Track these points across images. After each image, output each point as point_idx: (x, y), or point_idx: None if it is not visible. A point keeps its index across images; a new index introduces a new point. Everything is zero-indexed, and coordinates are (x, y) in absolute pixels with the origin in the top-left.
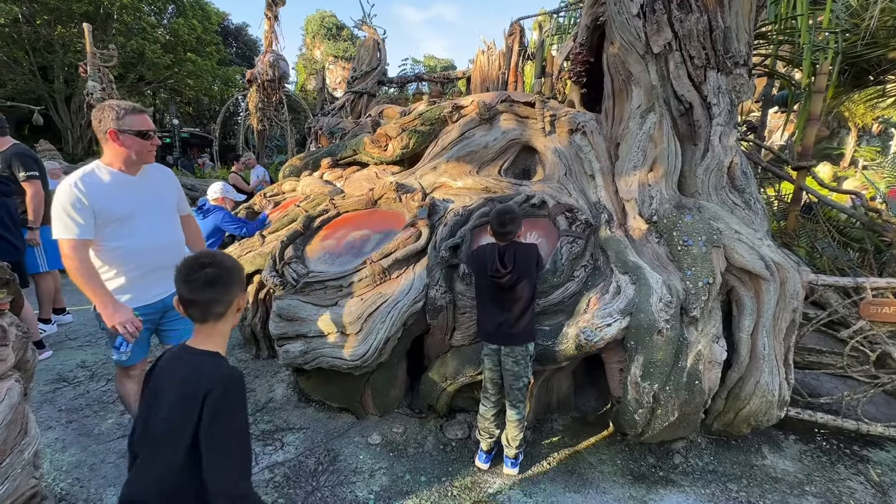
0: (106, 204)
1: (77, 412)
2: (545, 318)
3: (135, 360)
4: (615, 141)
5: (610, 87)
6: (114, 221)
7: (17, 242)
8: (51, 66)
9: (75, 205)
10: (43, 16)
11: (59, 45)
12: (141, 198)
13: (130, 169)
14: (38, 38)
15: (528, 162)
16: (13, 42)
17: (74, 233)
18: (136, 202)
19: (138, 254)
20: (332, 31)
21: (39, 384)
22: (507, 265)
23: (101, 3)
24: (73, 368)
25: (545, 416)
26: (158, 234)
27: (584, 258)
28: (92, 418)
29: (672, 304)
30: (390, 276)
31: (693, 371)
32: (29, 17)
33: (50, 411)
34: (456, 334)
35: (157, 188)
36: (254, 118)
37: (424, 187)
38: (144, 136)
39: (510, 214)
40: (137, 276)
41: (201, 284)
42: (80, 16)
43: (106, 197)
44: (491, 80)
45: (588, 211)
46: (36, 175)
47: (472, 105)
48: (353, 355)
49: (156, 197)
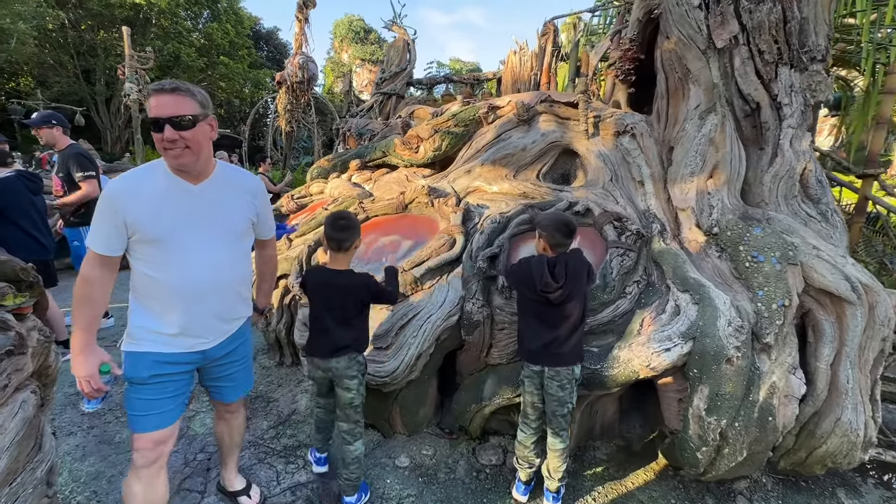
0: (140, 216)
1: (99, 417)
2: (593, 339)
3: (150, 427)
4: (668, 144)
5: (664, 85)
6: (147, 242)
7: (46, 241)
8: (93, 70)
9: (104, 211)
10: (87, 21)
11: (101, 49)
12: (189, 217)
13: (185, 174)
14: (82, 43)
15: (567, 166)
16: (59, 46)
17: (92, 243)
18: (179, 222)
19: (172, 292)
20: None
21: (64, 386)
22: (558, 279)
23: (141, 9)
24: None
25: (587, 443)
26: (205, 270)
27: (636, 273)
28: (114, 424)
29: (743, 329)
30: (422, 286)
31: (766, 406)
32: (74, 23)
33: (73, 415)
34: (493, 352)
35: (219, 205)
36: (282, 120)
37: (458, 192)
38: (156, 127)
39: (573, 225)
40: (170, 319)
41: (339, 229)
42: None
43: (143, 207)
44: (523, 80)
45: (638, 220)
46: (93, 175)
47: (509, 105)
48: (381, 371)
49: (213, 218)
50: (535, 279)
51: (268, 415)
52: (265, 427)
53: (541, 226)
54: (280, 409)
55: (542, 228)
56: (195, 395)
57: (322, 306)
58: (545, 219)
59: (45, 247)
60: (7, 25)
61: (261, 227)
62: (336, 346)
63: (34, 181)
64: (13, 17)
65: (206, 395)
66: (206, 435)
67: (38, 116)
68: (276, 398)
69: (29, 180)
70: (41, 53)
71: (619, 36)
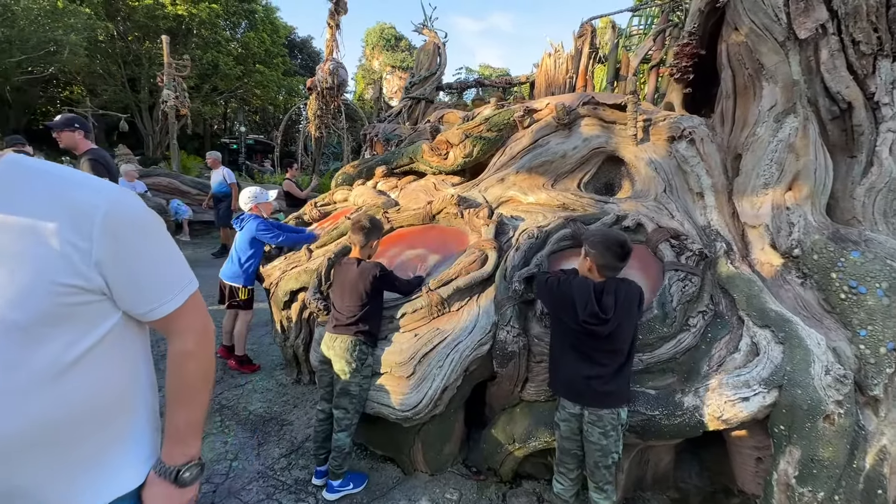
0: None
1: None
2: (649, 379)
3: None
4: (735, 151)
5: (730, 83)
6: None
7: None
8: (138, 78)
9: None
10: (134, 32)
11: (145, 58)
12: None
13: None
14: (128, 53)
15: (611, 175)
16: (108, 56)
17: None
18: None
19: None
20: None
21: None
22: (607, 310)
23: (183, 20)
24: None
25: (635, 493)
26: None
27: (701, 301)
28: None
29: (847, 380)
30: (450, 309)
31: (874, 475)
32: (122, 34)
33: None
34: (529, 386)
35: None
36: (312, 125)
37: (490, 202)
38: None
39: (628, 246)
40: None
41: (357, 228)
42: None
43: None
44: (557, 84)
45: (698, 238)
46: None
47: (547, 108)
48: (403, 404)
49: None
50: (578, 306)
51: (280, 440)
52: (276, 455)
53: (590, 243)
54: (294, 434)
55: (591, 246)
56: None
57: (336, 287)
58: (595, 236)
59: None
60: (60, 37)
61: (131, 293)
62: (337, 323)
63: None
64: (65, 29)
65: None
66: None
67: (60, 119)
68: (291, 420)
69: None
70: (92, 63)
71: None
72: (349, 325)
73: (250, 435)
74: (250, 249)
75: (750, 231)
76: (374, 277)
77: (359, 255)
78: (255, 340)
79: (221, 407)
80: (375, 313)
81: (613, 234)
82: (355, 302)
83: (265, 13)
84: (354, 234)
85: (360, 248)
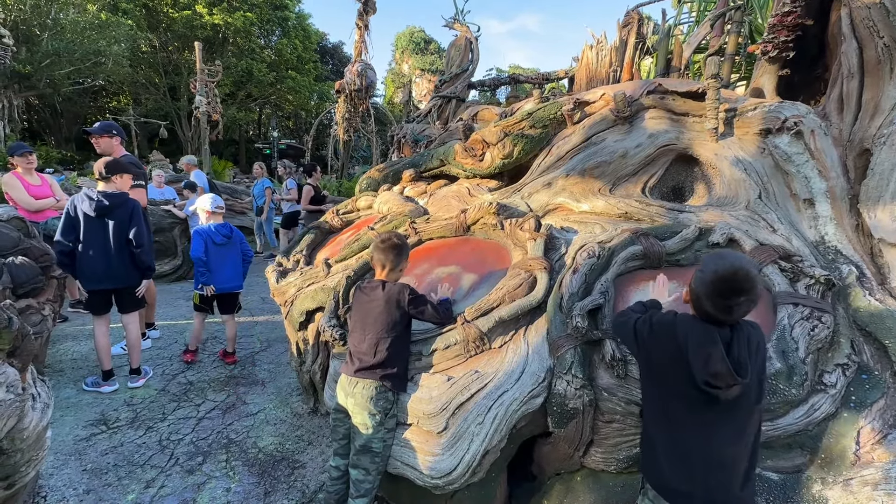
0: None
1: (100, 476)
2: (769, 457)
3: None
4: (860, 146)
5: (855, 58)
6: None
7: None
8: (177, 87)
9: None
10: (174, 42)
11: (184, 67)
12: None
13: None
14: (169, 62)
15: (680, 177)
16: (150, 66)
17: None
18: None
19: None
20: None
21: (78, 427)
22: (742, 369)
23: (220, 29)
24: (118, 406)
25: None
26: None
27: (838, 350)
28: (114, 488)
29: None
30: (490, 345)
31: None
32: (164, 44)
33: (73, 472)
34: (594, 451)
35: None
36: (340, 128)
37: (535, 210)
38: None
39: (750, 280)
40: None
41: (389, 247)
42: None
43: None
44: (600, 78)
45: (814, 259)
46: (141, 184)
47: (602, 99)
48: (433, 469)
49: None
50: (693, 360)
51: (290, 489)
52: None
53: (701, 282)
54: (306, 480)
55: (701, 285)
56: (208, 453)
57: (356, 317)
58: (711, 265)
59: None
60: (104, 48)
61: None
62: (359, 366)
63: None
64: (109, 41)
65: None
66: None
67: (99, 126)
68: (304, 462)
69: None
70: (135, 73)
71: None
72: (374, 367)
73: (257, 481)
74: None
75: (888, 250)
76: (403, 303)
77: (384, 278)
78: (273, 359)
79: (229, 442)
80: (404, 351)
81: (730, 263)
82: (381, 336)
83: (298, 20)
84: (383, 254)
85: (388, 270)
